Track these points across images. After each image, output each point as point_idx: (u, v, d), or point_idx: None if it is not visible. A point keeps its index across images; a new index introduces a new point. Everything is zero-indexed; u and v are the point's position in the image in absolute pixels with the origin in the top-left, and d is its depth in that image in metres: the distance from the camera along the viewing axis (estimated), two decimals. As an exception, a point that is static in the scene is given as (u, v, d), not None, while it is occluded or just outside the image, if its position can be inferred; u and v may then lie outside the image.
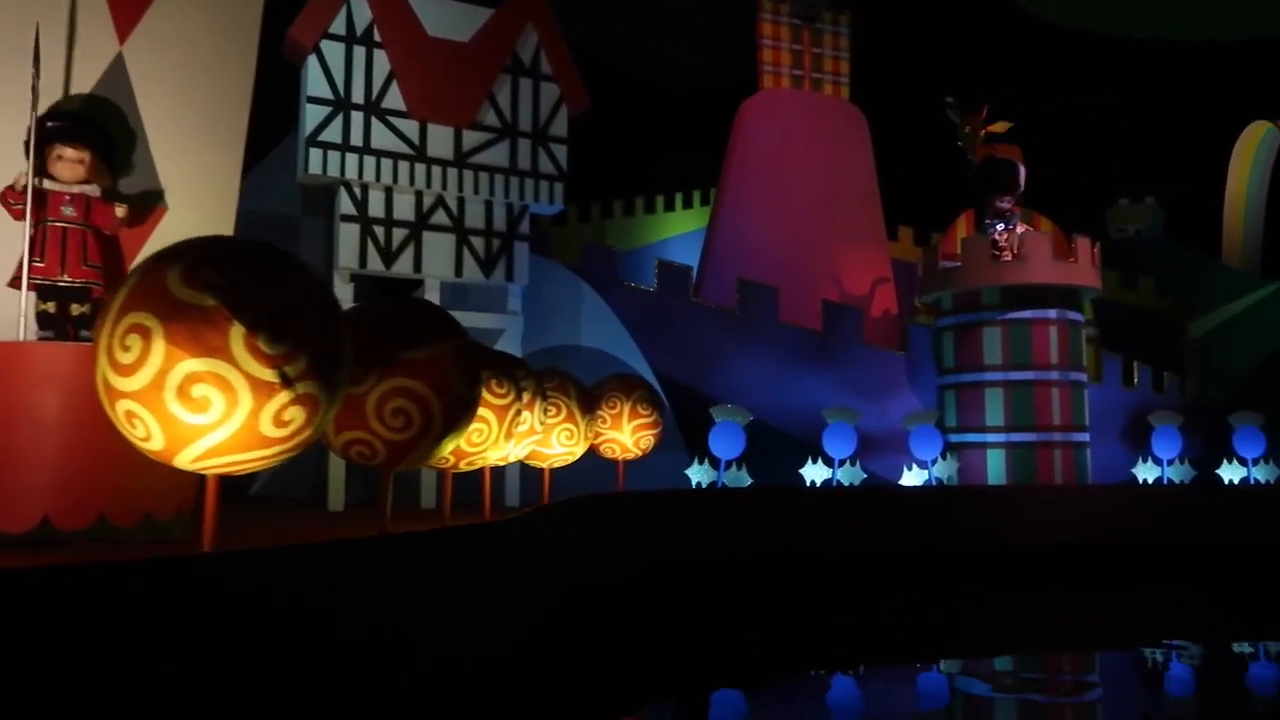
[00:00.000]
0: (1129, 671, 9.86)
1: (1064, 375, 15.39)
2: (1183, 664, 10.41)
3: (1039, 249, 15.11)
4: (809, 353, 16.69)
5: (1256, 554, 14.59)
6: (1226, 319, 24.88)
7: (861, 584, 13.35)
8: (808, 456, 14.86)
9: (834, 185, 20.96)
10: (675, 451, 15.05)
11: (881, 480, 15.58)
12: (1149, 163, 26.83)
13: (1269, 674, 9.84)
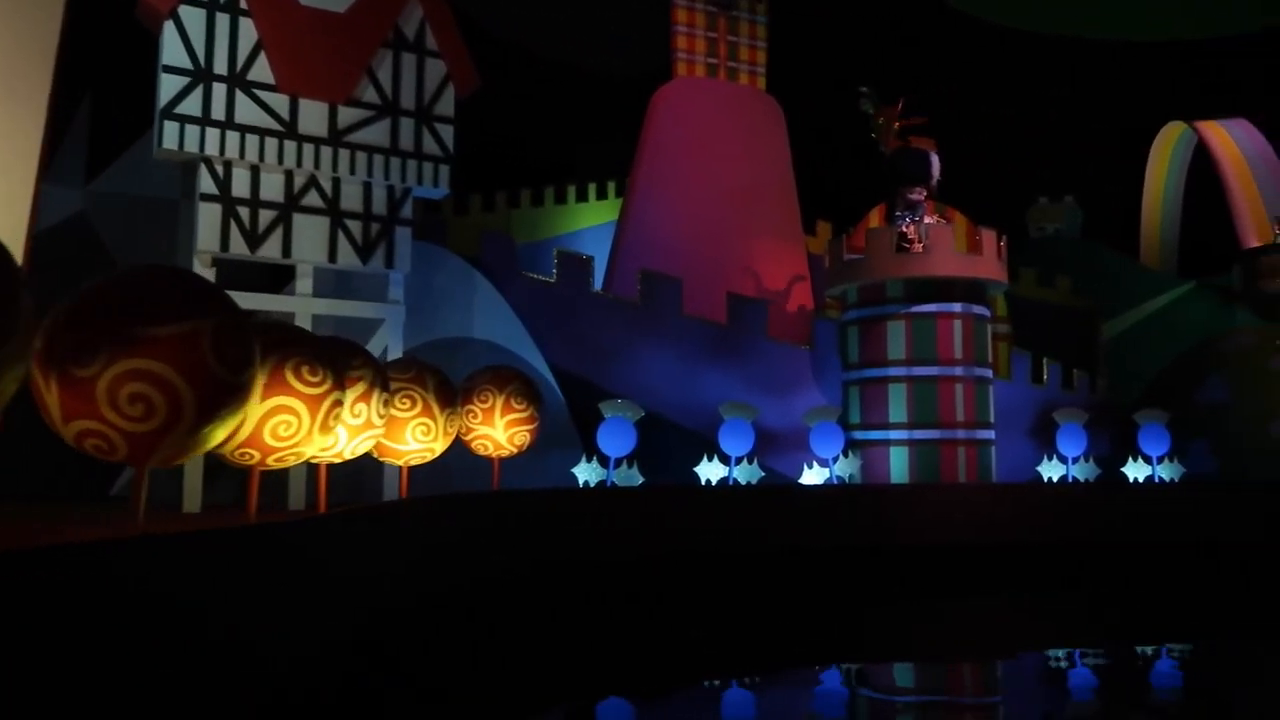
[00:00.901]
0: (1032, 675, 9.59)
1: (968, 371, 15.01)
2: (1086, 668, 10.01)
3: (943, 241, 14.70)
4: (713, 347, 16.10)
5: (1159, 553, 14.37)
6: (1142, 318, 24.95)
7: (757, 587, 12.82)
8: (714, 454, 14.26)
9: (749, 177, 20.43)
10: (572, 449, 14.36)
11: (784, 479, 15.06)
12: (1069, 162, 26.85)
13: (1171, 677, 9.58)
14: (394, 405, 9.40)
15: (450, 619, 9.34)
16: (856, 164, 20.23)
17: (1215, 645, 10.70)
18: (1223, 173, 22.71)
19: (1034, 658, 10.19)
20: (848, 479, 14.59)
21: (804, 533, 13.29)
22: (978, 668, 10.00)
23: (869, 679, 9.06)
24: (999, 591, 13.43)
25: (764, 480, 14.08)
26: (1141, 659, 10.09)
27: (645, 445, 15.04)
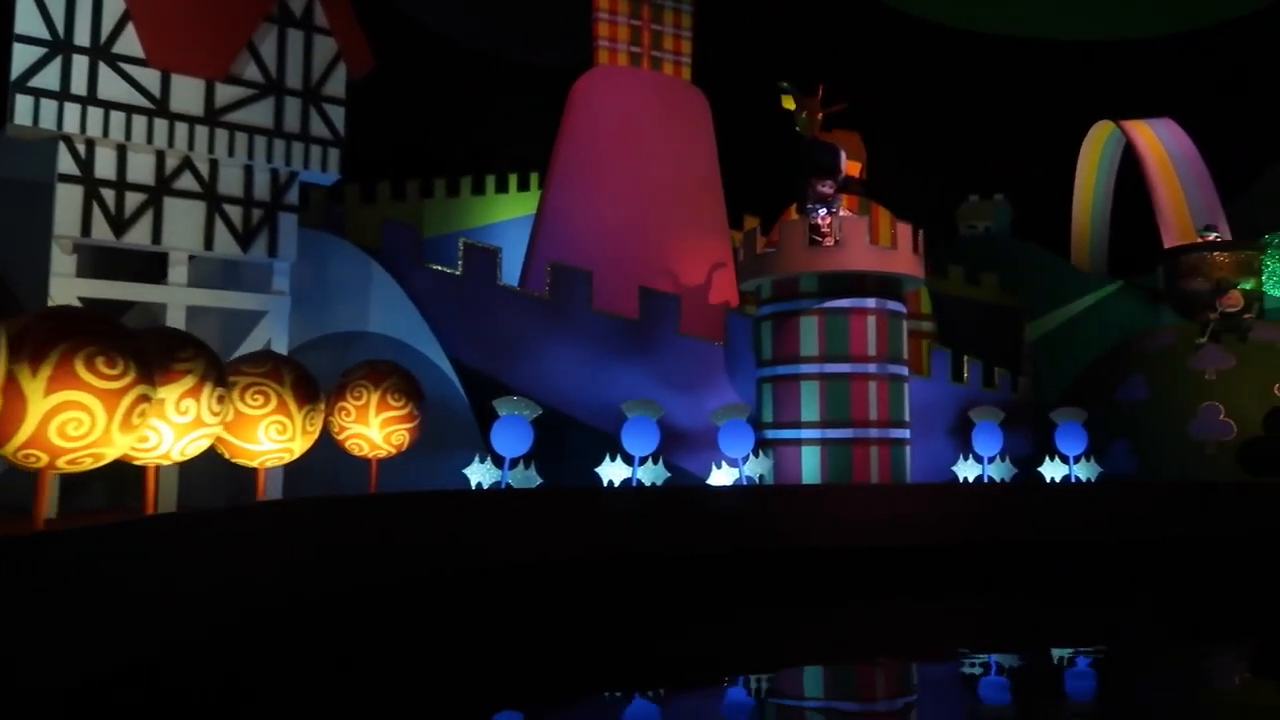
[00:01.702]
0: (946, 679, 9.27)
1: (882, 368, 14.61)
2: (1000, 671, 9.62)
3: (856, 235, 14.28)
4: (623, 343, 15.53)
5: (1073, 553, 14.11)
6: (1069, 317, 24.89)
7: (659, 592, 12.29)
8: (618, 454, 13.67)
9: (672, 170, 19.89)
10: (474, 449, 13.68)
11: (695, 479, 14.54)
12: (1000, 160, 26.76)
13: (1086, 680, 9.26)
14: (244, 402, 8.67)
15: (275, 642, 8.54)
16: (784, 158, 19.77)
17: (1131, 647, 10.50)
18: (1147, 172, 22.69)
19: (947, 661, 9.83)
20: (758, 479, 14.10)
21: (710, 536, 12.78)
22: (890, 672, 9.66)
23: (779, 686, 8.69)
24: (912, 594, 13.08)
25: (670, 481, 13.53)
26: (1057, 662, 9.81)
27: (551, 445, 14.43)
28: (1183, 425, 17.50)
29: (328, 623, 8.92)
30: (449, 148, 22.19)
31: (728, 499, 13.00)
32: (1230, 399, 17.26)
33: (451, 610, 10.31)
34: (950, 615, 12.06)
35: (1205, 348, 18.11)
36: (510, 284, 15.76)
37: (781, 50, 24.41)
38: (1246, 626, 11.70)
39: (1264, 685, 9.23)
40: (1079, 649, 10.23)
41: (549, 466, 13.72)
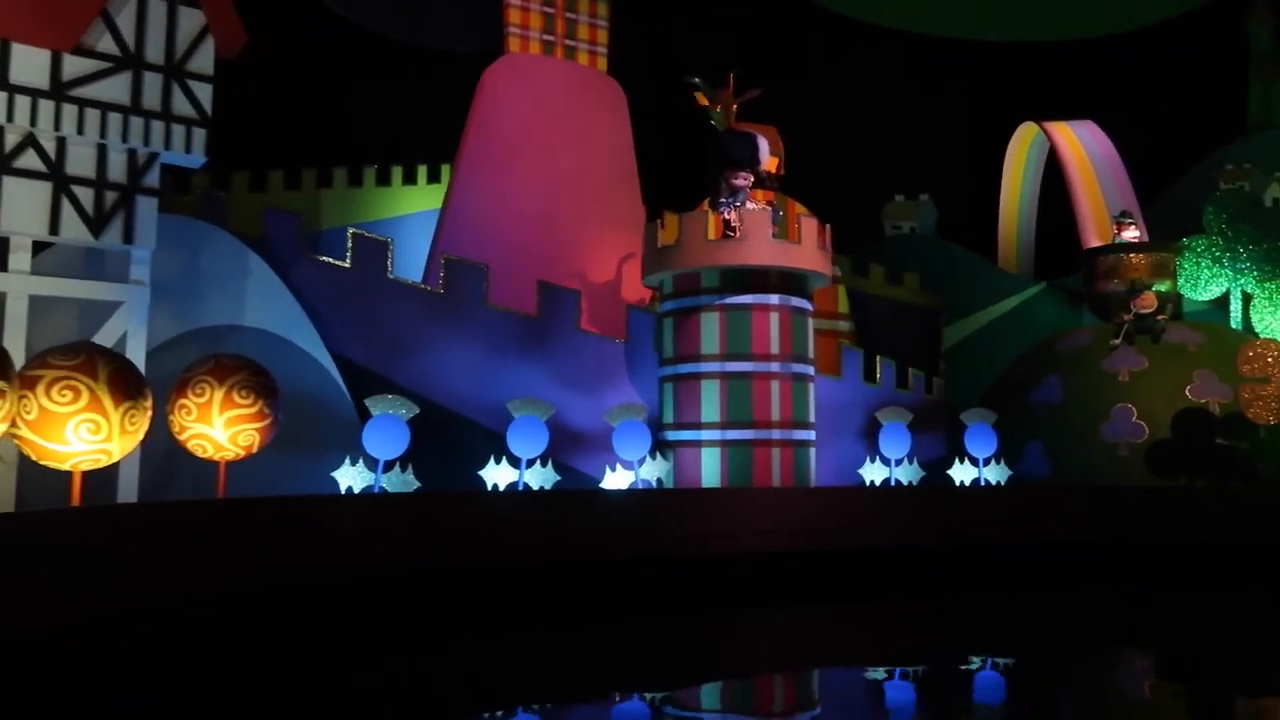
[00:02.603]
0: (851, 689, 8.93)
1: (785, 367, 14.09)
2: (907, 680, 9.21)
3: (759, 228, 13.74)
4: (520, 339, 14.84)
5: (979, 558, 13.74)
6: (993, 319, 24.78)
7: (545, 603, 11.65)
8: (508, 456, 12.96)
9: (586, 163, 19.26)
10: (356, 451, 12.84)
11: (593, 482, 13.89)
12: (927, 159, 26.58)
13: (995, 689, 8.89)
14: (50, 398, 7.82)
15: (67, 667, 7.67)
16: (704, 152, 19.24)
17: (1040, 655, 10.19)
18: (1067, 173, 22.60)
19: (853, 670, 9.49)
20: (655, 483, 13.49)
21: (600, 542, 12.13)
22: (792, 683, 9.25)
23: (675, 700, 8.24)
24: (813, 601, 12.61)
25: (560, 484, 12.86)
26: (965, 671, 9.41)
27: (442, 446, 13.71)
28: (1095, 427, 17.30)
29: (140, 640, 8.08)
30: (354, 136, 21.28)
31: (615, 503, 12.36)
32: (1143, 401, 17.10)
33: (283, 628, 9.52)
34: (859, 621, 11.64)
35: (1119, 349, 17.95)
36: (402, 277, 14.95)
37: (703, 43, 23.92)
38: (1147, 632, 11.45)
39: (1160, 690, 9.05)
40: (990, 657, 9.84)
41: (441, 468, 13.01)
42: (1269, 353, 15.60)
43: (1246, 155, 24.57)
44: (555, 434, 14.51)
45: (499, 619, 10.99)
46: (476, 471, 12.80)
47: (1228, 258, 21.15)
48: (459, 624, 10.69)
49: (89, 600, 7.44)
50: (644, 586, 12.30)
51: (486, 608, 11.27)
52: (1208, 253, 21.19)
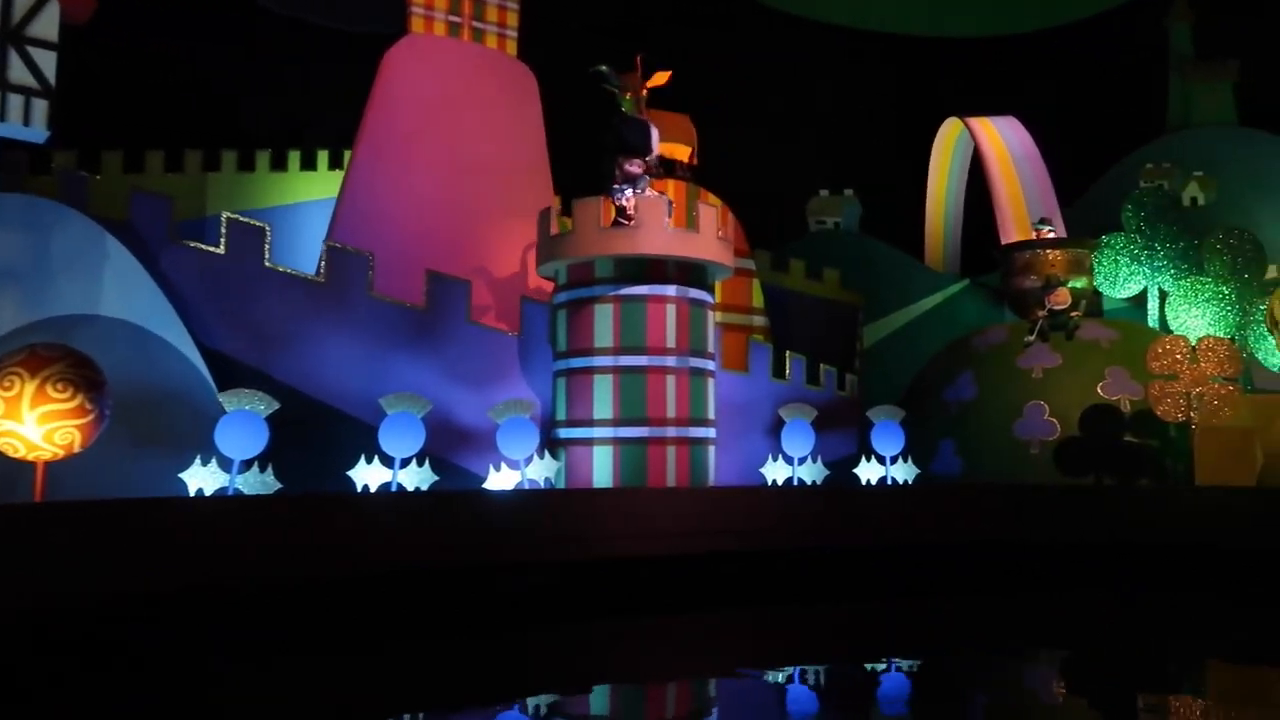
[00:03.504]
0: (747, 697, 8.43)
1: (682, 362, 13.49)
2: (808, 686, 8.74)
3: (654, 216, 13.12)
4: (408, 332, 14.04)
5: (882, 559, 13.28)
6: (916, 316, 24.53)
7: (417, 612, 10.90)
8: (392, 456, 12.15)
9: (494, 149, 18.45)
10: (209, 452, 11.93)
11: (481, 483, 13.15)
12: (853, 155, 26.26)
13: (900, 694, 8.48)
14: None
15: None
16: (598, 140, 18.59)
17: (947, 657, 9.83)
18: (988, 169, 22.41)
19: (745, 678, 8.96)
20: (543, 483, 12.79)
21: (479, 546, 11.37)
22: (685, 690, 8.78)
23: (562, 709, 7.85)
24: (707, 607, 12.03)
25: (441, 485, 12.11)
26: (868, 675, 9.03)
27: (322, 445, 12.87)
28: (1008, 425, 16.99)
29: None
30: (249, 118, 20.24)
31: (495, 505, 11.63)
32: (1055, 398, 16.82)
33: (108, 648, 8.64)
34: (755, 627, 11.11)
35: (1033, 346, 17.68)
36: (282, 265, 14.05)
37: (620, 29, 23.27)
38: (1049, 633, 11.07)
39: (1063, 692, 8.76)
40: (894, 660, 9.43)
41: (314, 468, 12.17)
42: (1178, 349, 15.40)
43: (1166, 154, 24.67)
44: (444, 432, 13.79)
45: (363, 631, 10.22)
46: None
47: (1145, 255, 21.05)
48: (318, 637, 9.91)
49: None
50: (525, 594, 11.61)
51: (349, 619, 10.48)
52: (1126, 250, 21.07)
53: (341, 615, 10.47)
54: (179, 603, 9.32)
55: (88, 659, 8.30)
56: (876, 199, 25.82)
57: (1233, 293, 19.38)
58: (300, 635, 9.79)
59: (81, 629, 8.51)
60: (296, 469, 12.26)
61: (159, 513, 9.38)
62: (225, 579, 9.68)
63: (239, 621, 9.76)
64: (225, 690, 8.00)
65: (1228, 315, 19.37)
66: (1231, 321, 19.32)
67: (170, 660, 8.68)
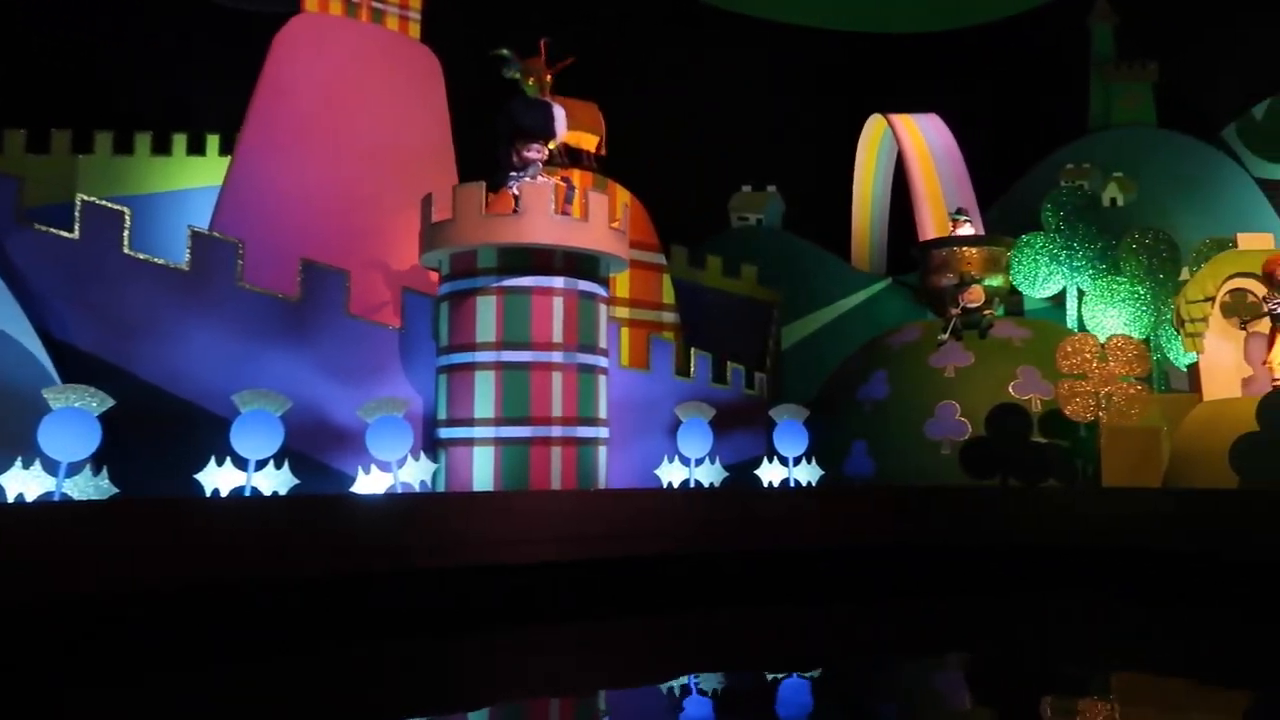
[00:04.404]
0: (635, 711, 7.99)
1: (570, 357, 12.79)
2: (705, 694, 8.32)
3: (538, 203, 12.40)
4: (280, 325, 13.14)
5: (775, 564, 12.72)
6: (839, 314, 24.17)
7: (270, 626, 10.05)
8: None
9: (393, 136, 17.55)
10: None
11: (354, 485, 12.31)
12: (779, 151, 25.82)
13: (799, 706, 8.05)
14: None
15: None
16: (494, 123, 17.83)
17: (847, 666, 9.43)
18: (908, 166, 22.09)
19: (640, 691, 8.52)
20: (417, 486, 11.99)
21: (338, 555, 10.55)
22: (570, 705, 8.26)
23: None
24: (590, 616, 11.36)
25: (299, 489, 11.26)
26: (766, 685, 8.52)
27: (183, 446, 11.92)
28: (920, 425, 16.60)
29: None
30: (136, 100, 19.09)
31: (362, 510, 10.82)
32: (967, 398, 16.46)
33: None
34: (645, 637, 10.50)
35: (946, 344, 17.32)
36: (141, 253, 13.05)
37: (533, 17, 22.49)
38: (948, 638, 10.65)
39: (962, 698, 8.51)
40: (795, 670, 8.95)
41: (171, 470, 11.26)
42: (1087, 348, 15.09)
43: (1087, 154, 24.64)
44: (318, 433, 12.93)
45: (210, 646, 9.38)
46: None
47: (1064, 255, 20.86)
48: (160, 653, 9.05)
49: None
50: (388, 605, 10.82)
51: (195, 634, 9.61)
52: (1045, 250, 20.86)
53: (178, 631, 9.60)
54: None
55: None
56: (801, 195, 25.38)
57: (1148, 293, 19.26)
58: (138, 654, 8.93)
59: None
60: (147, 471, 11.35)
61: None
62: (46, 593, 8.77)
63: (65, 640, 8.85)
64: (63, 709, 7.19)
65: (1143, 315, 19.24)
66: (1147, 322, 19.20)
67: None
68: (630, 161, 20.81)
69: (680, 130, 24.80)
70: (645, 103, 24.26)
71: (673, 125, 24.59)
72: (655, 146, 24.10)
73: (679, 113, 24.97)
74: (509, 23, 21.46)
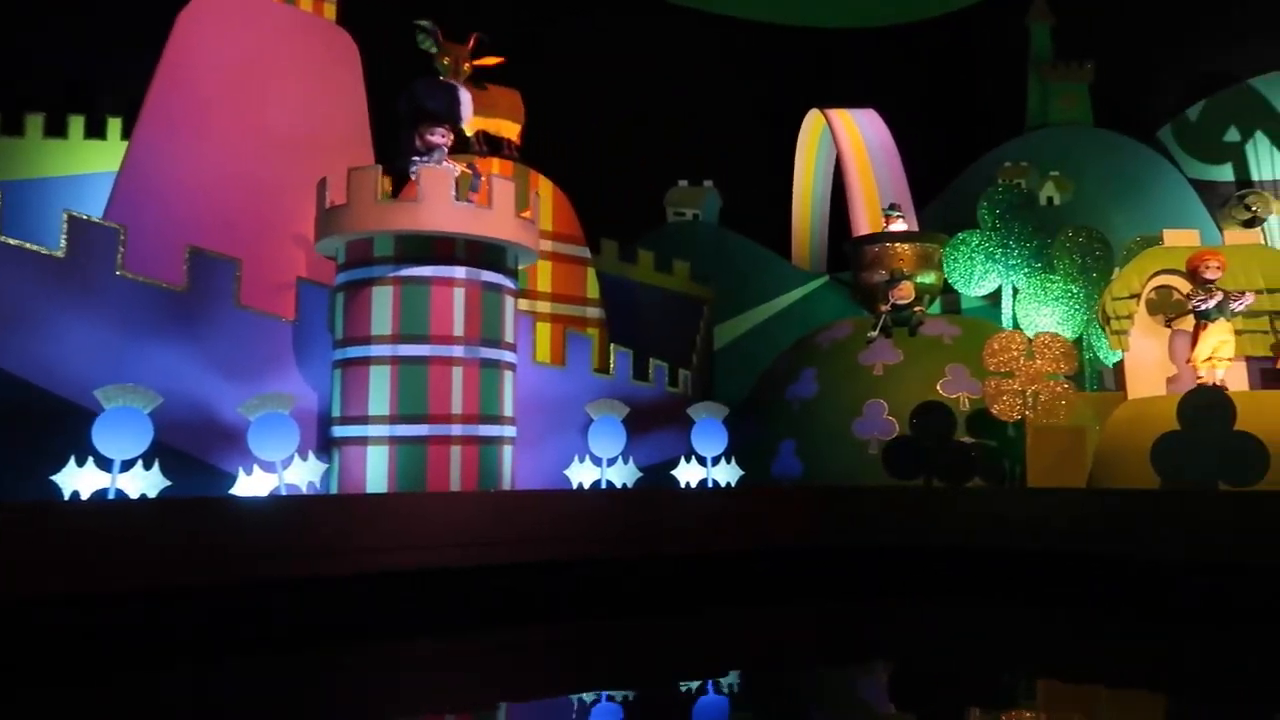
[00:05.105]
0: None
1: (471, 352, 12.14)
2: (617, 703, 7.90)
3: (436, 189, 11.75)
4: (165, 316, 12.33)
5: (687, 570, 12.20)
6: (776, 312, 23.78)
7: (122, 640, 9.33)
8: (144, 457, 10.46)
9: (305, 122, 16.75)
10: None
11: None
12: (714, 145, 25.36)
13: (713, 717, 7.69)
14: None
15: None
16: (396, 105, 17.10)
17: (764, 675, 8.97)
18: (843, 161, 21.75)
19: (542, 703, 8.09)
20: (305, 488, 11.28)
21: (219, 562, 9.83)
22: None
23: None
24: (492, 625, 10.75)
25: (169, 491, 10.50)
26: (677, 696, 8.11)
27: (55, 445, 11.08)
28: (848, 424, 16.20)
29: None
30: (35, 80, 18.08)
31: (240, 514, 10.10)
32: (895, 396, 16.08)
33: None
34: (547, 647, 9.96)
35: (876, 342, 16.95)
36: (11, 238, 12.17)
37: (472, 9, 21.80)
38: (867, 645, 10.28)
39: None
40: (710, 679, 8.55)
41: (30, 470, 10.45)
42: (1014, 345, 14.78)
43: (1025, 153, 24.50)
44: (204, 431, 12.15)
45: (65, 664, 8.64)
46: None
47: (1000, 253, 20.63)
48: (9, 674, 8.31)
49: None
50: (272, 615, 10.12)
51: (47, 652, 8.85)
52: (981, 248, 20.62)
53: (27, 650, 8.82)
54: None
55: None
56: (740, 191, 24.94)
57: (1081, 292, 19.09)
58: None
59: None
60: (11, 473, 10.57)
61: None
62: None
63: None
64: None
65: (1076, 314, 19.08)
66: (1080, 320, 19.05)
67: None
68: (562, 154, 20.25)
69: (616, 123, 24.24)
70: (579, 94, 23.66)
71: (608, 118, 24.03)
72: (589, 139, 23.53)
73: (615, 105, 24.41)
74: (432, 6, 20.77)
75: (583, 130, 23.07)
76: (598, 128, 23.74)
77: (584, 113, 23.77)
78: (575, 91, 23.69)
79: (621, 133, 24.17)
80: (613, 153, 23.54)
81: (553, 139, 20.54)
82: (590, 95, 24.15)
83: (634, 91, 24.63)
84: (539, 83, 21.15)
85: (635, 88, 24.73)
